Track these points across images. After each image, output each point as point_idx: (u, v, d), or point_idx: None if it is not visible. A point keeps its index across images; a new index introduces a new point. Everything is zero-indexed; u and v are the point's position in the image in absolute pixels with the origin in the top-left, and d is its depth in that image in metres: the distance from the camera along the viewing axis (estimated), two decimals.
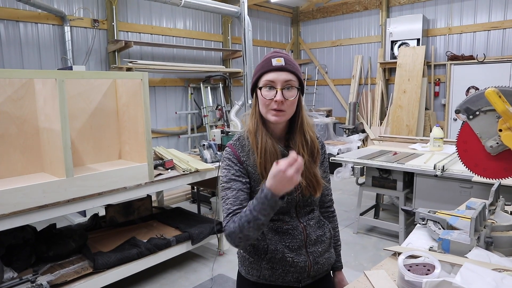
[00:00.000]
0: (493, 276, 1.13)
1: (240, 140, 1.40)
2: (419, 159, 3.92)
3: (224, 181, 1.35)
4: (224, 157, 1.40)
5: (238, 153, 1.37)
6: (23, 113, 2.80)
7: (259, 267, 1.39)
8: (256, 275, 1.41)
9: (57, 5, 5.27)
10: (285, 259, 1.36)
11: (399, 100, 7.07)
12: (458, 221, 1.63)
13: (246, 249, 1.43)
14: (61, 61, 5.37)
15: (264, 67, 1.31)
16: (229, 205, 1.30)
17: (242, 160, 1.36)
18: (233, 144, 1.40)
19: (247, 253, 1.44)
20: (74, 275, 2.75)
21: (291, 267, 1.37)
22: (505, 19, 6.59)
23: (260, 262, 1.39)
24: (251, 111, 1.40)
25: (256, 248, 1.39)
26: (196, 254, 3.93)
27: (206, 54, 7.37)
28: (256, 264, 1.40)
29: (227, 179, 1.35)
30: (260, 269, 1.39)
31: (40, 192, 2.49)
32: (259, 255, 1.39)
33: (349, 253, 3.89)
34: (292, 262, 1.36)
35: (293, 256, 1.36)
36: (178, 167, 3.50)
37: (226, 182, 1.34)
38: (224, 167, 1.38)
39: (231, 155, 1.37)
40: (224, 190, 1.34)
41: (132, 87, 3.15)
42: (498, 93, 1.39)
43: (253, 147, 1.35)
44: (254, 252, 1.40)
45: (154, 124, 6.46)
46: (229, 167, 1.36)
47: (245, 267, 1.46)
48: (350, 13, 8.46)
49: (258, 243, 1.39)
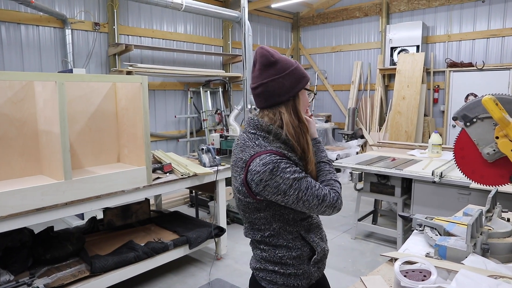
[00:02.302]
0: (488, 283, 1.13)
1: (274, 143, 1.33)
2: (418, 165, 3.93)
3: (296, 175, 1.27)
4: (276, 160, 1.27)
5: (283, 153, 1.31)
6: (22, 115, 2.80)
7: (309, 274, 1.38)
8: (306, 284, 1.39)
9: (58, 8, 5.30)
10: (324, 253, 1.43)
11: (398, 106, 7.09)
12: (455, 227, 1.64)
13: (288, 265, 1.36)
14: (61, 64, 5.39)
15: (307, 75, 1.42)
16: (316, 185, 1.32)
17: (289, 156, 1.32)
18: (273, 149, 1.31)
19: (292, 268, 1.36)
20: (71, 278, 2.74)
21: (326, 258, 1.46)
22: (504, 27, 6.63)
23: (308, 268, 1.38)
24: (289, 109, 1.35)
25: (300, 258, 1.37)
26: (193, 258, 3.92)
27: (206, 58, 7.40)
28: (305, 273, 1.38)
29: (298, 172, 1.28)
30: (310, 275, 1.39)
31: (38, 195, 2.49)
32: (305, 262, 1.38)
33: (347, 258, 3.89)
34: (327, 252, 1.46)
35: (324, 246, 1.44)
36: (176, 171, 3.50)
37: (299, 173, 1.29)
38: (286, 167, 1.27)
39: (281, 157, 1.29)
40: (303, 181, 1.28)
41: (131, 91, 3.16)
42: (495, 101, 1.40)
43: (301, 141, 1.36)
44: (300, 262, 1.37)
45: (153, 128, 6.47)
46: (289, 164, 1.28)
47: (290, 283, 1.37)
48: (350, 19, 8.50)
49: (301, 252, 1.37)
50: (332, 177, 1.41)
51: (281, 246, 1.36)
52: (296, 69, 1.36)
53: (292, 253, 1.36)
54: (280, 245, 1.36)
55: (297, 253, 1.36)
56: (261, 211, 1.34)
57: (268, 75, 1.33)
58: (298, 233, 1.37)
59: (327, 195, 1.31)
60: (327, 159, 1.48)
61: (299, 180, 1.27)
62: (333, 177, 1.42)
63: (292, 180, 1.26)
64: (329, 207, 1.32)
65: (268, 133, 1.33)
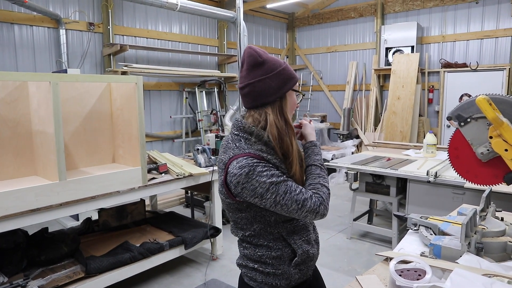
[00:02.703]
0: (482, 281, 1.14)
1: (255, 145, 1.32)
2: (413, 165, 3.94)
3: (274, 179, 1.26)
4: (253, 164, 1.26)
5: (262, 156, 1.29)
6: (16, 115, 2.78)
7: (288, 275, 1.37)
8: (285, 284, 1.38)
9: (52, 8, 5.26)
10: (308, 255, 1.39)
11: (393, 107, 7.12)
12: (450, 227, 1.65)
13: (267, 264, 1.37)
14: (55, 64, 5.35)
15: (296, 76, 1.40)
16: (297, 189, 1.28)
17: (268, 158, 1.30)
18: (254, 151, 1.30)
19: (271, 268, 1.37)
20: (65, 279, 2.73)
21: (311, 261, 1.42)
22: (498, 28, 6.68)
23: (288, 269, 1.37)
24: (275, 110, 1.35)
25: (280, 258, 1.36)
26: (189, 258, 3.91)
27: (201, 59, 7.39)
28: (285, 274, 1.37)
29: (276, 176, 1.27)
30: (289, 276, 1.37)
31: (32, 196, 2.47)
32: (286, 263, 1.37)
33: (342, 258, 3.90)
34: (312, 255, 1.41)
35: (309, 249, 1.40)
36: (172, 171, 3.49)
37: (278, 177, 1.27)
38: (263, 170, 1.26)
39: (259, 160, 1.28)
40: (281, 185, 1.26)
41: (126, 91, 3.15)
42: (488, 101, 1.41)
43: (277, 147, 1.32)
44: (279, 263, 1.37)
45: (148, 128, 6.44)
46: (267, 167, 1.27)
47: (269, 283, 1.37)
48: (346, 19, 8.53)
49: (281, 252, 1.36)
50: (320, 181, 1.38)
51: (261, 246, 1.37)
52: (284, 69, 1.35)
53: (272, 253, 1.36)
54: (260, 244, 1.37)
55: (277, 254, 1.36)
56: (242, 211, 1.35)
57: (255, 76, 1.32)
58: (279, 234, 1.36)
59: (307, 200, 1.28)
60: (319, 162, 1.45)
61: (277, 184, 1.26)
62: (321, 181, 1.38)
63: (268, 184, 1.25)
64: (310, 212, 1.29)
65: (250, 135, 1.32)
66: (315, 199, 1.30)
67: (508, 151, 1.41)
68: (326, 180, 1.40)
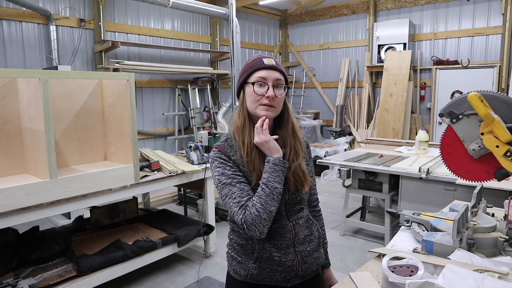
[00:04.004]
0: (474, 277, 1.15)
1: (228, 141, 1.41)
2: (405, 161, 3.97)
3: (222, 179, 1.32)
4: (214, 157, 1.38)
5: (228, 153, 1.37)
6: (5, 113, 2.74)
7: (247, 267, 1.40)
8: (243, 275, 1.41)
9: (42, 3, 5.19)
10: (272, 258, 1.36)
11: (385, 104, 7.16)
12: (442, 223, 1.66)
13: (234, 249, 1.45)
14: (46, 61, 5.29)
15: (256, 65, 1.36)
16: (237, 198, 1.28)
17: (233, 159, 1.36)
18: (221, 145, 1.40)
19: (235, 253, 1.44)
20: (57, 278, 2.70)
21: (279, 266, 1.37)
22: (488, 25, 6.74)
23: (247, 261, 1.40)
24: (238, 108, 1.41)
25: (244, 248, 1.41)
26: (182, 256, 3.90)
27: (194, 56, 7.35)
28: (243, 264, 1.41)
29: (226, 176, 1.32)
30: (248, 269, 1.40)
31: (22, 194, 2.44)
32: (247, 255, 1.40)
33: (335, 255, 3.91)
34: (280, 261, 1.37)
35: (280, 255, 1.37)
36: (164, 169, 3.47)
37: (226, 178, 1.31)
38: (218, 166, 1.35)
39: (221, 154, 1.37)
40: (226, 187, 1.31)
41: (118, 88, 3.12)
42: (480, 97, 1.41)
43: (239, 144, 1.36)
44: (242, 252, 1.42)
45: (140, 126, 6.40)
46: (222, 165, 1.34)
47: (233, 267, 1.46)
48: (338, 16, 8.54)
49: (247, 242, 1.39)
50: (255, 202, 1.26)
51: (234, 231, 1.46)
52: (247, 61, 1.40)
53: (239, 239, 1.42)
54: (234, 229, 1.46)
55: (243, 242, 1.41)
56: None
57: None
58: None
59: (236, 214, 1.27)
60: (265, 181, 1.28)
61: (222, 184, 1.32)
62: (256, 202, 1.26)
63: (217, 180, 1.34)
64: (241, 225, 1.28)
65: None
66: (241, 216, 1.26)
67: (499, 148, 1.41)
68: (265, 202, 1.25)
